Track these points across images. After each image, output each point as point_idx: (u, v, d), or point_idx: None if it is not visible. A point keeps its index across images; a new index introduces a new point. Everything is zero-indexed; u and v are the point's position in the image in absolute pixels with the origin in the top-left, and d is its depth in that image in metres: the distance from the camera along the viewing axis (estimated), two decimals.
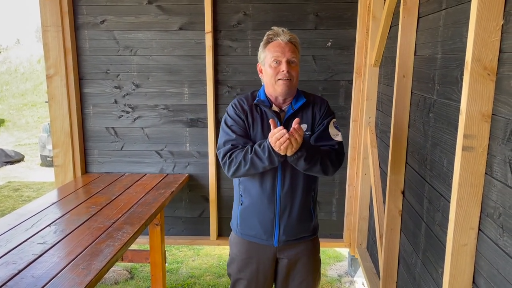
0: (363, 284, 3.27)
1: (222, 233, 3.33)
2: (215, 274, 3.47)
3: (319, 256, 1.97)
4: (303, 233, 1.86)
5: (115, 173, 3.28)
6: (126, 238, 1.97)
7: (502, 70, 1.21)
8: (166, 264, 3.11)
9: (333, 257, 3.82)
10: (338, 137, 1.78)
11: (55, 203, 2.50)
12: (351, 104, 3.13)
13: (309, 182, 1.81)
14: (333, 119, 1.81)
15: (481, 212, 1.32)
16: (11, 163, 8.48)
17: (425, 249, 1.86)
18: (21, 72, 17.80)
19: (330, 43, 3.06)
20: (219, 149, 1.78)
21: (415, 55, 2.06)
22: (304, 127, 1.75)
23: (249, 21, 3.04)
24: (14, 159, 8.58)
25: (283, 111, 1.79)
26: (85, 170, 3.29)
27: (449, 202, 1.41)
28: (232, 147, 1.74)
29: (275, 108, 1.78)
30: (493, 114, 1.25)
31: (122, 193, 2.73)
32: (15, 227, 2.08)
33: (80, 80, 3.18)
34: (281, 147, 1.56)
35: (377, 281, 2.74)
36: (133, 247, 3.41)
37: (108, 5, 3.07)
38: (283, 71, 1.68)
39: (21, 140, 11.56)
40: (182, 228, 3.38)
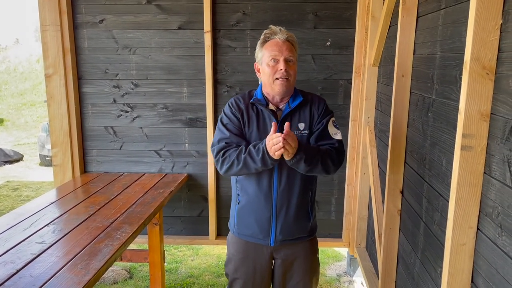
0: (362, 283, 3.27)
1: (221, 232, 3.33)
2: (214, 273, 3.47)
3: (317, 256, 1.96)
4: (300, 233, 1.85)
5: (114, 172, 3.27)
6: (125, 237, 1.97)
7: (501, 69, 1.21)
8: (165, 263, 3.10)
9: (332, 257, 3.83)
10: (337, 136, 1.78)
11: (53, 202, 2.50)
12: (350, 103, 3.12)
13: (306, 181, 1.80)
14: (332, 118, 1.81)
15: (480, 211, 1.32)
16: (10, 162, 8.47)
17: (424, 249, 1.86)
18: (20, 71, 17.77)
19: (329, 43, 3.06)
20: (213, 147, 1.79)
21: (414, 54, 2.06)
22: (301, 126, 1.75)
23: (248, 21, 3.04)
24: (13, 158, 8.57)
25: (280, 109, 1.78)
26: (84, 169, 3.29)
27: (448, 201, 1.41)
28: (226, 145, 1.75)
29: (271, 106, 1.77)
30: (491, 113, 1.25)
31: (121, 192, 2.72)
32: (14, 226, 2.08)
33: (79, 79, 3.17)
34: (276, 152, 1.56)
35: (376, 281, 2.74)
36: (132, 246, 3.41)
37: (107, 4, 3.06)
38: (281, 70, 1.68)
39: (20, 139, 11.54)
40: (181, 227, 3.37)
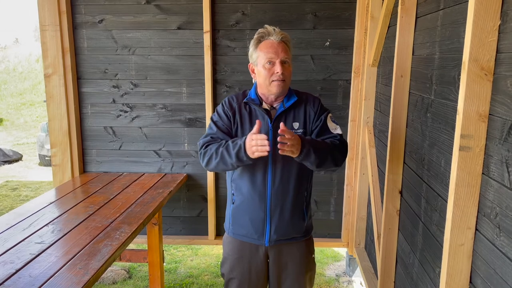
0: (361, 283, 3.28)
1: (220, 232, 3.33)
2: (213, 273, 3.47)
3: (313, 257, 1.95)
4: (295, 234, 1.84)
5: (113, 172, 3.28)
6: (124, 237, 1.97)
7: (499, 70, 1.22)
8: (164, 263, 3.11)
9: (331, 257, 3.83)
10: (337, 130, 1.78)
11: (53, 202, 2.50)
12: (349, 104, 3.13)
13: (301, 180, 1.79)
14: (329, 114, 1.81)
15: (478, 212, 1.32)
16: (9, 162, 8.46)
17: (422, 249, 1.87)
18: (20, 71, 17.75)
19: (328, 43, 3.06)
20: (199, 140, 1.81)
21: (413, 55, 2.06)
22: (296, 125, 1.75)
23: (248, 21, 3.04)
24: (12, 158, 8.56)
25: (274, 108, 1.78)
26: (83, 169, 3.29)
27: (447, 202, 1.41)
28: (210, 139, 1.77)
29: (265, 106, 1.78)
30: (490, 114, 1.26)
31: (120, 192, 2.73)
32: (13, 226, 2.08)
33: (78, 79, 3.17)
34: (255, 153, 1.56)
35: (375, 281, 2.74)
36: (131, 246, 3.42)
37: (106, 4, 3.06)
38: (278, 72, 1.67)
39: (19, 139, 11.53)
40: (180, 227, 3.38)
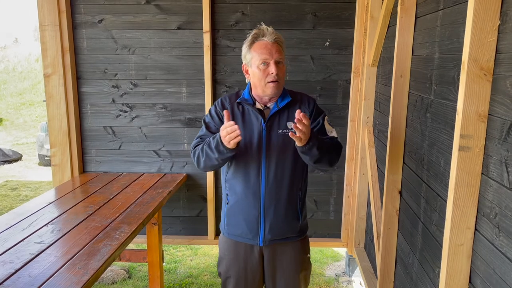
0: (360, 283, 3.28)
1: (220, 232, 3.32)
2: (212, 273, 3.47)
3: (308, 256, 1.96)
4: (290, 233, 1.84)
5: (113, 172, 3.27)
6: (123, 237, 1.97)
7: (498, 70, 1.22)
8: (163, 263, 3.11)
9: (330, 257, 3.83)
10: (333, 133, 1.80)
11: (52, 202, 2.50)
12: (349, 103, 3.13)
13: (295, 180, 1.80)
14: (326, 116, 1.83)
15: (478, 212, 1.32)
16: (9, 162, 8.45)
17: (422, 249, 1.87)
18: (19, 71, 17.74)
19: (328, 43, 3.06)
20: (192, 142, 1.85)
21: (412, 55, 2.06)
22: (290, 125, 1.74)
23: (247, 21, 3.04)
24: (12, 158, 8.55)
25: (268, 108, 1.79)
26: (83, 169, 3.29)
27: (446, 202, 1.41)
28: (200, 140, 1.80)
29: (259, 106, 1.78)
30: (489, 114, 1.26)
31: (119, 192, 2.72)
32: (13, 226, 2.08)
33: (78, 79, 3.17)
34: (230, 142, 1.57)
35: (374, 281, 2.74)
36: (131, 246, 3.42)
37: (106, 4, 3.06)
38: (273, 73, 1.68)
39: (19, 139, 11.52)
40: (180, 227, 3.38)
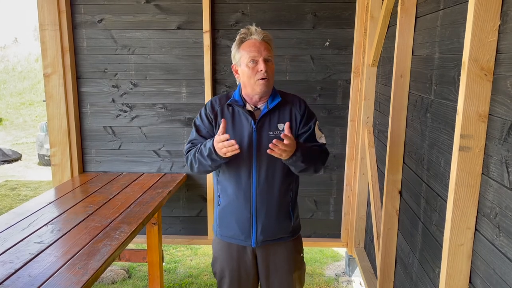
0: (360, 283, 3.28)
1: None
2: (212, 273, 3.46)
3: (301, 256, 1.96)
4: (282, 234, 1.84)
5: (113, 172, 3.27)
6: (123, 237, 1.97)
7: (499, 70, 1.22)
8: (163, 263, 3.10)
9: (330, 257, 3.83)
10: (322, 139, 1.82)
11: (52, 202, 2.50)
12: (349, 103, 3.13)
13: (286, 181, 1.80)
14: (317, 122, 1.84)
15: (478, 212, 1.32)
16: (9, 162, 8.45)
17: (422, 249, 1.87)
18: (19, 70, 17.74)
19: (328, 43, 3.06)
20: (184, 147, 1.87)
21: (412, 55, 2.06)
22: (280, 126, 1.75)
23: (247, 21, 3.04)
24: (11, 158, 8.55)
25: (259, 109, 1.78)
26: (83, 169, 3.29)
27: (446, 202, 1.41)
28: (191, 145, 1.82)
29: (249, 107, 1.78)
30: (489, 114, 1.25)
31: (119, 192, 2.72)
32: (12, 226, 2.08)
33: (77, 79, 3.17)
34: (227, 153, 1.60)
35: (374, 281, 2.74)
36: (131, 246, 3.41)
37: (106, 4, 3.06)
38: (261, 70, 1.68)
39: (19, 139, 11.52)
40: (179, 227, 3.37)
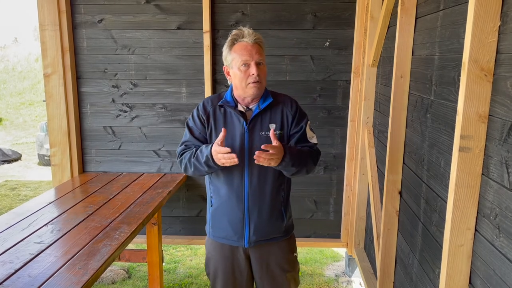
0: (360, 284, 3.28)
1: None
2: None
3: (295, 255, 1.96)
4: (275, 234, 1.85)
5: (113, 172, 3.27)
6: (123, 237, 1.97)
7: (499, 71, 1.22)
8: (163, 263, 3.11)
9: (330, 257, 3.83)
10: (313, 139, 1.82)
11: (52, 202, 2.50)
12: (349, 104, 3.13)
13: (278, 181, 1.81)
14: (308, 122, 1.84)
15: (478, 212, 1.32)
16: (9, 162, 8.45)
17: (422, 249, 1.87)
18: (19, 70, 17.73)
19: (328, 43, 3.06)
20: (178, 148, 1.87)
21: (412, 55, 2.06)
22: (272, 126, 1.76)
23: (247, 21, 3.04)
24: (11, 158, 8.55)
25: (250, 109, 1.79)
26: (83, 169, 3.29)
27: (446, 202, 1.41)
28: (185, 147, 1.83)
29: (240, 108, 1.78)
30: (490, 115, 1.25)
31: (119, 192, 2.72)
32: (12, 226, 2.08)
33: (77, 79, 3.17)
34: (225, 164, 1.63)
35: (374, 281, 2.74)
36: (131, 246, 3.41)
37: (106, 4, 3.06)
38: (254, 74, 1.68)
39: (19, 139, 11.52)
40: (179, 227, 3.37)
